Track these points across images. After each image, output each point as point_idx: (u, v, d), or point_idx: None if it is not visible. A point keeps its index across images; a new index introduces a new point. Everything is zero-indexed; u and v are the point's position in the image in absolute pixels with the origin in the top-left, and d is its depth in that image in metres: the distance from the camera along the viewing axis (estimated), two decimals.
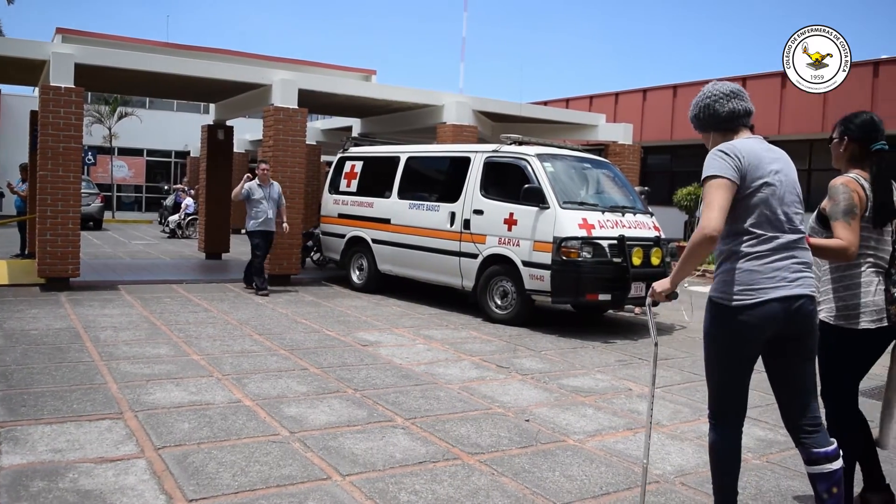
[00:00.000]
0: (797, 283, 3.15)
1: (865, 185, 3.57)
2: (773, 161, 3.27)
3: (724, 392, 3.30)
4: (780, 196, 3.20)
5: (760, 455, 4.82)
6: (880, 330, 3.54)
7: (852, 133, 3.69)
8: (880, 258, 3.61)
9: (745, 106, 3.40)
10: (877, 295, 3.54)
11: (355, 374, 6.33)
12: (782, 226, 3.19)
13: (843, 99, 16.01)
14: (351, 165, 12.13)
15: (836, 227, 3.49)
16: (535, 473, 4.26)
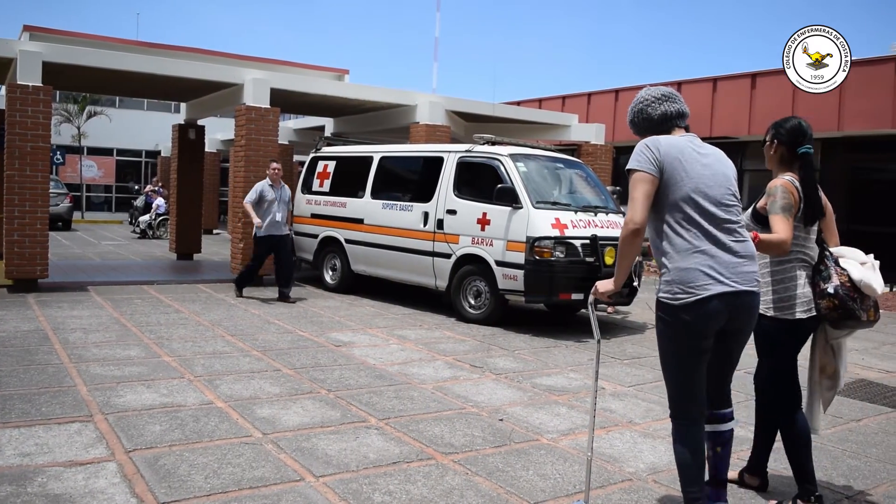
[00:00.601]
0: (738, 279, 3.28)
1: (799, 188, 3.84)
2: (701, 157, 3.39)
3: (682, 390, 3.39)
4: (708, 190, 3.31)
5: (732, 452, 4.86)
6: (810, 319, 3.84)
7: (781, 137, 3.97)
8: (807, 255, 3.90)
9: (676, 108, 3.56)
10: (805, 288, 3.84)
11: (329, 375, 6.31)
12: (718, 221, 3.30)
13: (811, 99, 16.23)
14: (324, 165, 12.08)
15: (775, 220, 3.73)
16: (509, 472, 4.28)
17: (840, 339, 3.96)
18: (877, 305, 3.86)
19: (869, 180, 17.62)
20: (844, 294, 3.74)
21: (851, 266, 3.83)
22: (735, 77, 17.93)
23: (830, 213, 4.08)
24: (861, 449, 5.08)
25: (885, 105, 15.02)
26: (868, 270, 3.82)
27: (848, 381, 7.09)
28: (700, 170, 3.34)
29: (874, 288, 3.76)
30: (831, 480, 4.44)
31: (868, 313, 3.79)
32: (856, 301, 3.75)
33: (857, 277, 3.77)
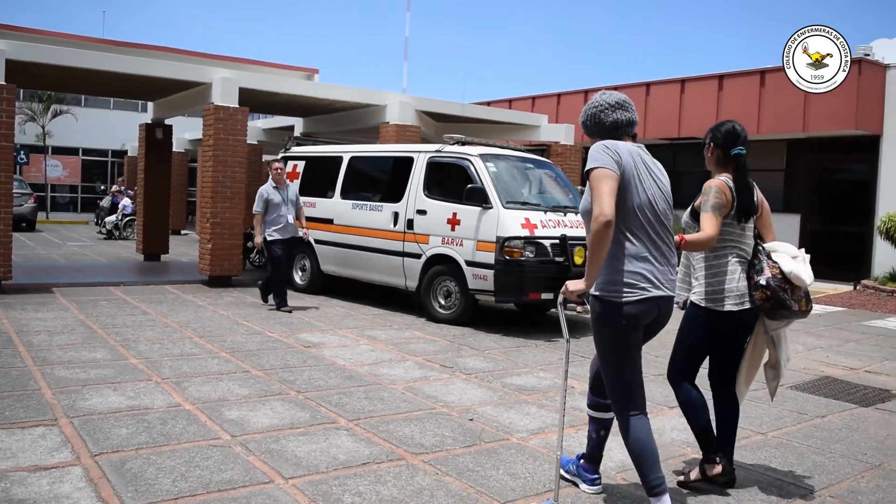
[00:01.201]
0: (669, 286, 3.62)
1: (732, 186, 4.08)
2: (647, 167, 3.63)
3: (630, 381, 3.62)
4: (655, 201, 3.58)
5: (699, 450, 4.91)
6: (743, 312, 4.06)
7: (717, 140, 4.21)
8: (743, 250, 4.13)
9: (628, 116, 3.72)
10: (740, 282, 4.06)
11: (298, 376, 6.28)
12: (658, 230, 3.59)
13: (777, 101, 16.45)
14: (293, 165, 12.02)
15: (704, 218, 3.99)
16: (480, 472, 4.29)
17: (778, 329, 4.18)
18: (808, 296, 4.07)
19: (834, 180, 17.92)
20: (776, 285, 3.96)
21: (783, 259, 4.06)
22: (703, 78, 18.12)
23: (767, 211, 4.34)
24: (825, 445, 5.16)
25: (849, 106, 15.27)
26: (798, 263, 4.04)
27: (813, 379, 7.20)
28: (651, 181, 3.60)
29: (803, 279, 3.98)
30: (797, 476, 4.51)
31: (799, 303, 4.01)
32: (787, 292, 3.97)
33: (788, 269, 3.99)
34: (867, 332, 10.37)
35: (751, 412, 5.89)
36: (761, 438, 5.24)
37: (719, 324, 4.13)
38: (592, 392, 4.03)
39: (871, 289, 14.59)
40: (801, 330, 10.21)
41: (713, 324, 4.14)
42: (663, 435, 5.21)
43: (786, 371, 4.32)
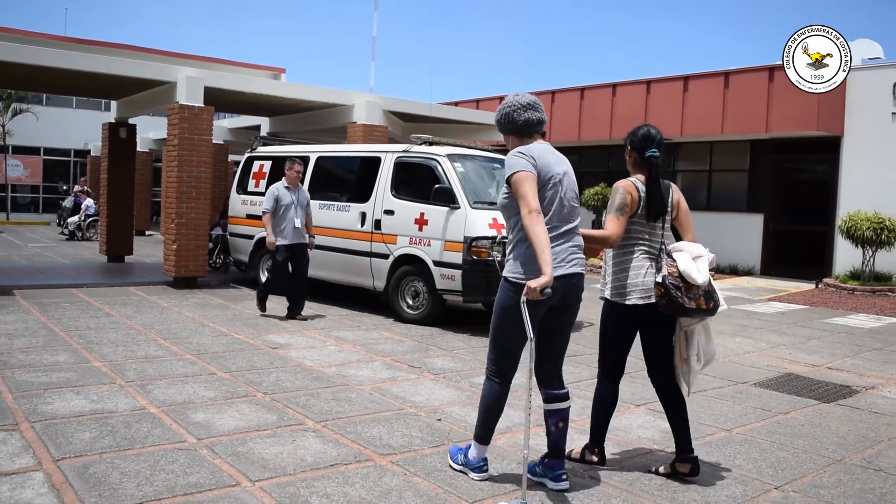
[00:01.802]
0: (572, 264, 3.96)
1: (640, 187, 4.27)
2: (558, 163, 4.04)
3: (510, 355, 4.05)
4: (564, 192, 3.97)
5: (665, 446, 4.97)
6: (649, 306, 4.21)
7: (634, 143, 4.40)
8: (652, 247, 4.31)
9: (538, 116, 4.09)
10: (647, 277, 4.22)
11: (265, 378, 6.23)
12: (564, 217, 3.97)
13: (741, 102, 16.67)
14: (259, 165, 11.93)
15: (607, 218, 4.24)
16: (448, 472, 4.29)
17: (692, 326, 4.31)
18: (708, 295, 4.15)
19: (796, 180, 18.20)
20: (670, 283, 4.09)
21: (681, 258, 4.18)
22: (668, 80, 18.29)
23: (685, 212, 4.53)
24: (789, 441, 5.24)
25: (811, 108, 15.51)
26: (696, 263, 4.17)
27: (776, 375, 7.31)
28: (559, 175, 3.98)
29: (695, 278, 4.08)
30: (761, 471, 4.57)
31: (698, 302, 4.10)
32: (680, 290, 4.08)
33: (683, 268, 4.11)
34: (829, 329, 10.55)
35: (716, 409, 5.96)
36: (726, 435, 5.31)
37: (629, 318, 4.30)
38: (542, 385, 4.21)
39: (833, 287, 14.84)
40: (765, 328, 10.36)
41: (624, 318, 4.31)
42: (630, 432, 5.25)
43: (700, 369, 4.39)
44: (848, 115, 16.14)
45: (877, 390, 6.92)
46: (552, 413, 4.15)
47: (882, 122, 15.61)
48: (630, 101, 18.81)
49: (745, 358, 8.17)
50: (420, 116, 15.08)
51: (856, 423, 5.79)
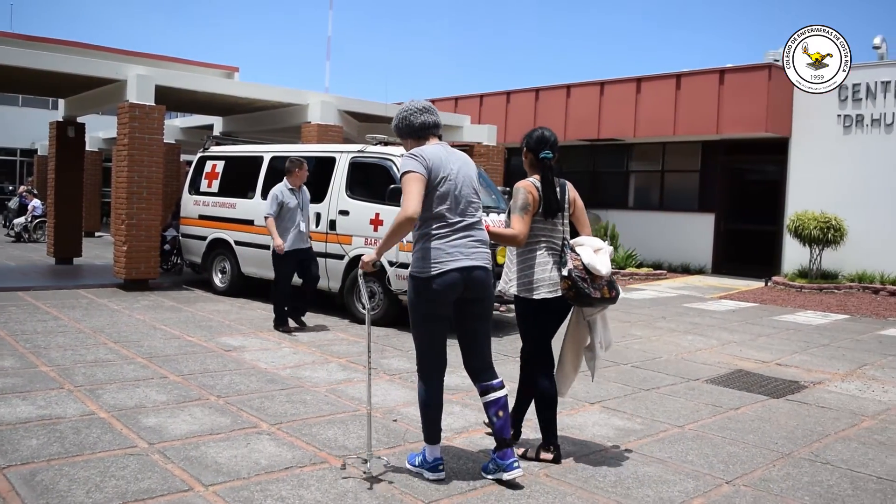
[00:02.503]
0: (472, 257, 4.09)
1: (539, 187, 4.48)
2: (453, 161, 4.18)
3: (428, 349, 4.18)
4: (459, 189, 4.12)
5: (619, 444, 5.03)
6: (554, 299, 4.45)
7: (530, 145, 4.61)
8: (553, 243, 4.52)
9: (433, 119, 4.30)
10: (552, 272, 4.45)
11: (218, 381, 6.16)
12: (461, 212, 4.13)
13: (692, 104, 16.93)
14: (212, 165, 11.78)
15: (513, 219, 4.42)
16: (404, 473, 4.28)
17: (593, 315, 4.60)
18: (611, 284, 4.47)
19: (746, 181, 18.55)
20: (577, 276, 4.35)
21: (584, 252, 4.45)
22: (621, 81, 18.49)
23: (580, 209, 4.74)
24: (739, 436, 5.33)
25: (760, 110, 15.82)
26: (599, 255, 4.45)
27: (727, 372, 7.44)
28: (455, 173, 4.14)
29: (599, 269, 4.37)
30: (712, 466, 4.64)
31: (602, 291, 4.40)
32: (586, 281, 4.36)
33: (587, 261, 4.39)
34: (778, 326, 10.77)
35: (668, 406, 6.05)
36: (679, 431, 5.38)
37: (535, 311, 4.53)
38: (476, 380, 4.33)
39: (781, 285, 15.15)
40: (716, 325, 10.54)
41: (531, 311, 4.54)
42: (584, 430, 5.30)
43: (603, 353, 4.72)
44: (795, 117, 16.49)
45: (824, 385, 7.08)
46: (490, 404, 4.25)
47: (828, 124, 15.98)
48: (584, 103, 18.98)
49: (696, 355, 8.30)
50: (375, 116, 15.03)
51: (804, 417, 5.92)
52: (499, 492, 4.08)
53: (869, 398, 6.66)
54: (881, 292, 14.38)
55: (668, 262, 18.01)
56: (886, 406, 6.40)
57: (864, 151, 15.46)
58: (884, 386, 7.17)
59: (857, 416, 6.05)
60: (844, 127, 15.77)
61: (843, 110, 15.79)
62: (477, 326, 4.26)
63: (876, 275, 14.93)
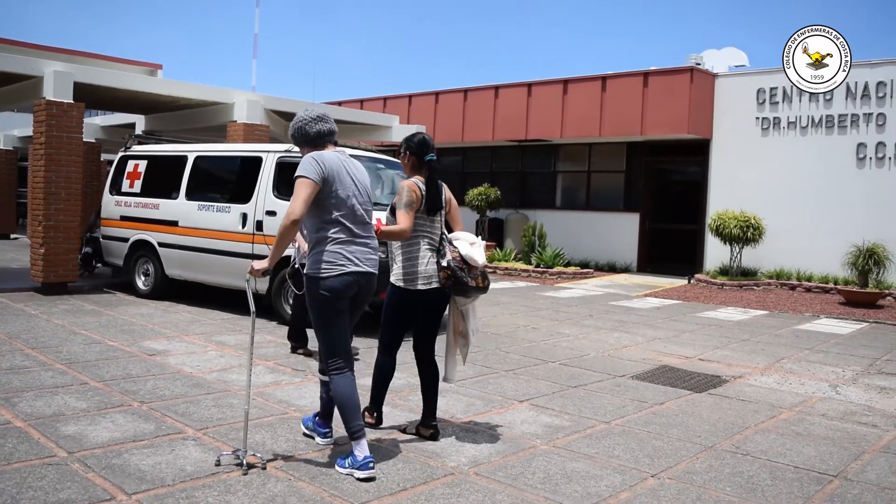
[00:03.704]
0: (367, 264, 4.43)
1: (422, 186, 4.83)
2: (349, 170, 4.44)
3: (338, 342, 4.42)
4: (355, 196, 4.39)
5: (548, 441, 5.08)
6: (432, 290, 4.82)
7: (412, 149, 4.93)
8: (433, 239, 4.89)
9: (328, 127, 4.53)
10: (429, 265, 4.82)
11: (141, 386, 5.99)
12: (357, 220, 4.40)
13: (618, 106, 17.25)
14: (134, 165, 11.47)
15: (398, 214, 4.74)
16: (333, 475, 4.24)
17: (466, 304, 4.98)
18: (484, 275, 4.88)
19: (670, 181, 19.01)
20: (455, 266, 4.75)
21: (461, 245, 4.85)
22: (548, 83, 18.71)
23: (454, 207, 5.16)
24: (664, 430, 5.45)
25: (682, 112, 16.22)
26: (474, 248, 4.86)
27: (652, 368, 7.60)
28: (350, 181, 4.40)
29: (476, 260, 4.80)
30: (638, 461, 4.74)
31: (476, 280, 4.81)
32: (464, 271, 4.76)
33: (465, 253, 4.80)
34: (700, 322, 11.06)
35: (595, 402, 6.14)
36: (605, 427, 5.47)
37: (414, 302, 4.86)
38: (319, 359, 4.71)
39: (704, 282, 15.57)
40: (641, 323, 10.76)
41: (409, 302, 4.87)
42: (513, 428, 5.34)
43: (474, 340, 5.11)
44: (716, 119, 16.97)
45: (744, 379, 7.30)
46: (325, 384, 4.66)
47: (747, 125, 16.49)
48: (512, 103, 19.16)
49: (623, 352, 8.46)
50: None
51: (725, 410, 6.09)
52: (429, 491, 4.08)
53: (787, 391, 6.90)
54: (798, 288, 14.91)
55: (594, 261, 18.32)
56: (803, 398, 6.64)
57: (782, 153, 16.01)
58: (800, 379, 7.43)
59: (776, 408, 6.26)
60: (763, 129, 16.30)
61: (761, 113, 16.32)
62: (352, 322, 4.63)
63: (793, 272, 15.48)
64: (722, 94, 16.92)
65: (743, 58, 19.04)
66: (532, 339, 8.98)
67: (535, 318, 10.80)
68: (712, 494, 4.24)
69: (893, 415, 6.19)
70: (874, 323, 11.62)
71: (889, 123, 14.73)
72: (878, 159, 14.87)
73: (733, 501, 4.15)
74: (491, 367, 7.38)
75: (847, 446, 5.26)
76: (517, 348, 8.39)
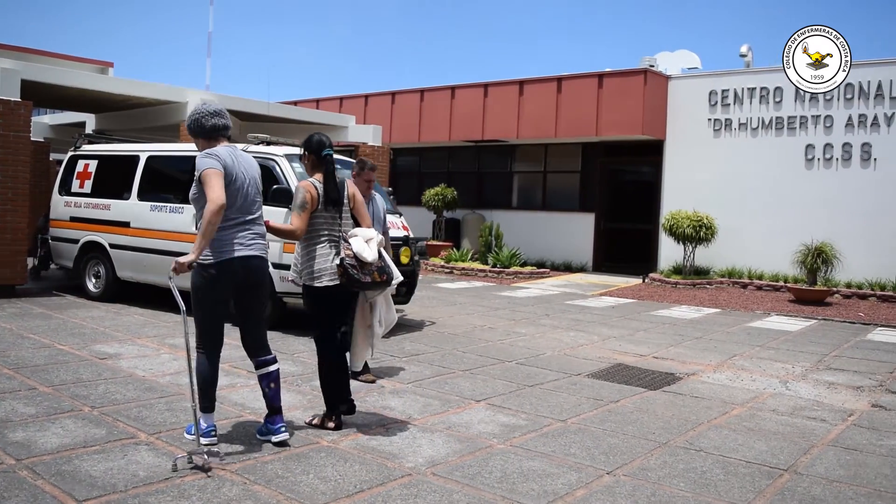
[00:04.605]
0: (251, 248, 4.63)
1: (318, 186, 5.00)
2: (241, 164, 4.65)
3: (209, 327, 4.63)
4: (246, 188, 4.62)
5: (505, 440, 5.10)
6: (336, 286, 4.97)
7: (311, 148, 5.13)
8: (333, 235, 5.05)
9: (223, 122, 4.74)
10: (332, 261, 4.97)
11: (92, 391, 5.88)
12: (245, 209, 4.63)
13: (573, 107, 17.39)
14: (84, 165, 11.25)
15: (292, 216, 4.96)
16: (289, 478, 4.21)
17: (374, 297, 5.23)
18: (381, 269, 5.01)
19: (624, 181, 19.24)
20: (347, 263, 4.88)
21: (355, 242, 4.97)
22: (504, 84, 18.80)
23: (360, 202, 5.31)
24: (619, 427, 5.51)
25: (636, 113, 16.42)
26: (368, 244, 4.97)
27: (607, 366, 7.68)
28: (242, 174, 4.62)
29: (366, 257, 4.89)
30: (594, 458, 4.78)
31: (373, 276, 4.96)
32: (356, 268, 4.89)
33: (356, 250, 4.91)
34: (654, 321, 11.21)
35: (552, 401, 6.19)
36: (562, 426, 5.51)
37: (321, 297, 5.04)
38: (252, 356, 4.88)
39: (658, 281, 15.77)
40: (596, 321, 10.87)
41: (320, 298, 5.04)
42: (471, 427, 5.35)
43: (382, 331, 5.35)
44: (669, 120, 17.21)
45: (697, 376, 7.42)
46: (263, 377, 4.81)
47: (699, 127, 16.75)
48: (468, 104, 19.21)
49: (578, 351, 8.53)
50: (258, 115, 14.74)
51: (679, 407, 6.18)
52: (386, 492, 4.07)
53: (739, 387, 7.02)
54: (749, 287, 15.19)
55: (550, 261, 18.45)
56: (755, 394, 6.77)
57: (733, 153, 16.30)
58: (752, 375, 7.57)
59: (728, 404, 6.36)
60: (714, 130, 16.58)
61: (713, 114, 16.59)
62: (252, 308, 4.79)
63: (744, 270, 15.76)
64: (675, 96, 17.17)
65: (695, 60, 19.34)
66: (489, 339, 9.01)
67: (491, 317, 10.83)
68: (666, 490, 4.29)
69: (841, 409, 6.34)
70: (823, 320, 11.89)
71: (836, 125, 15.09)
72: (826, 160, 15.22)
73: (687, 497, 4.21)
74: (448, 367, 7.38)
75: (797, 441, 5.37)
76: (474, 348, 8.41)
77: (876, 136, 14.71)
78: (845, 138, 15.00)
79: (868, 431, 5.70)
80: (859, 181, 14.81)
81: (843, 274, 14.23)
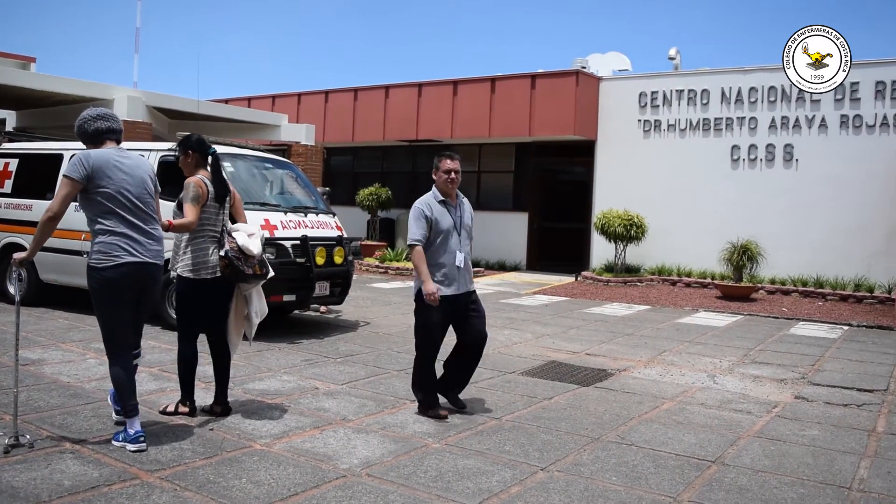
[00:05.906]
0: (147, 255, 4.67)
1: (208, 182, 5.25)
2: (122, 164, 4.68)
3: (117, 332, 4.67)
4: (129, 189, 4.64)
5: (440, 439, 5.11)
6: (216, 279, 5.24)
7: (193, 147, 5.37)
8: (215, 231, 5.31)
9: (108, 125, 4.81)
10: (213, 256, 5.24)
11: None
12: (133, 210, 4.64)
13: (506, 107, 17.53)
14: (4, 163, 10.85)
15: (186, 208, 5.13)
16: (221, 483, 4.13)
17: (249, 290, 5.40)
18: (262, 263, 5.31)
19: (557, 181, 19.47)
20: (233, 256, 5.14)
21: (239, 236, 5.24)
22: (438, 83, 18.84)
23: (238, 200, 5.59)
24: (553, 424, 5.57)
25: (569, 114, 16.63)
26: (251, 239, 5.27)
27: (541, 364, 7.76)
28: (122, 175, 4.62)
29: (251, 250, 5.20)
30: (528, 455, 4.82)
31: (254, 269, 5.23)
32: (240, 260, 5.16)
33: (241, 243, 5.20)
34: (587, 318, 11.37)
35: (487, 398, 6.22)
36: (496, 423, 5.55)
37: (202, 290, 5.25)
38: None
39: (590, 279, 16.01)
40: (530, 319, 10.97)
41: (198, 291, 5.25)
42: (406, 427, 5.34)
43: (257, 320, 5.51)
44: (601, 121, 17.48)
45: (628, 372, 7.55)
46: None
47: (629, 127, 17.06)
48: (402, 103, 19.18)
49: (512, 349, 8.60)
50: (187, 113, 14.47)
51: (611, 403, 6.28)
52: (320, 495, 4.03)
53: (668, 382, 7.18)
54: (678, 284, 15.54)
55: (485, 260, 18.55)
56: (684, 389, 6.93)
57: (662, 154, 16.65)
58: (681, 370, 7.74)
59: (658, 399, 6.50)
60: (644, 131, 16.90)
61: (643, 115, 16.91)
62: (140, 311, 4.86)
63: (674, 268, 16.12)
64: (606, 97, 17.44)
65: (626, 62, 19.69)
66: None
67: None
68: (599, 485, 4.36)
69: (766, 402, 6.54)
70: (748, 315, 12.24)
71: (760, 126, 15.55)
72: (751, 160, 15.67)
73: (619, 490, 4.28)
74: (382, 367, 7.36)
75: (724, 433, 5.52)
76: (409, 348, 8.38)
77: (798, 138, 15.20)
78: (769, 139, 15.47)
79: (791, 422, 5.89)
80: (782, 181, 15.30)
81: (767, 270, 14.68)
